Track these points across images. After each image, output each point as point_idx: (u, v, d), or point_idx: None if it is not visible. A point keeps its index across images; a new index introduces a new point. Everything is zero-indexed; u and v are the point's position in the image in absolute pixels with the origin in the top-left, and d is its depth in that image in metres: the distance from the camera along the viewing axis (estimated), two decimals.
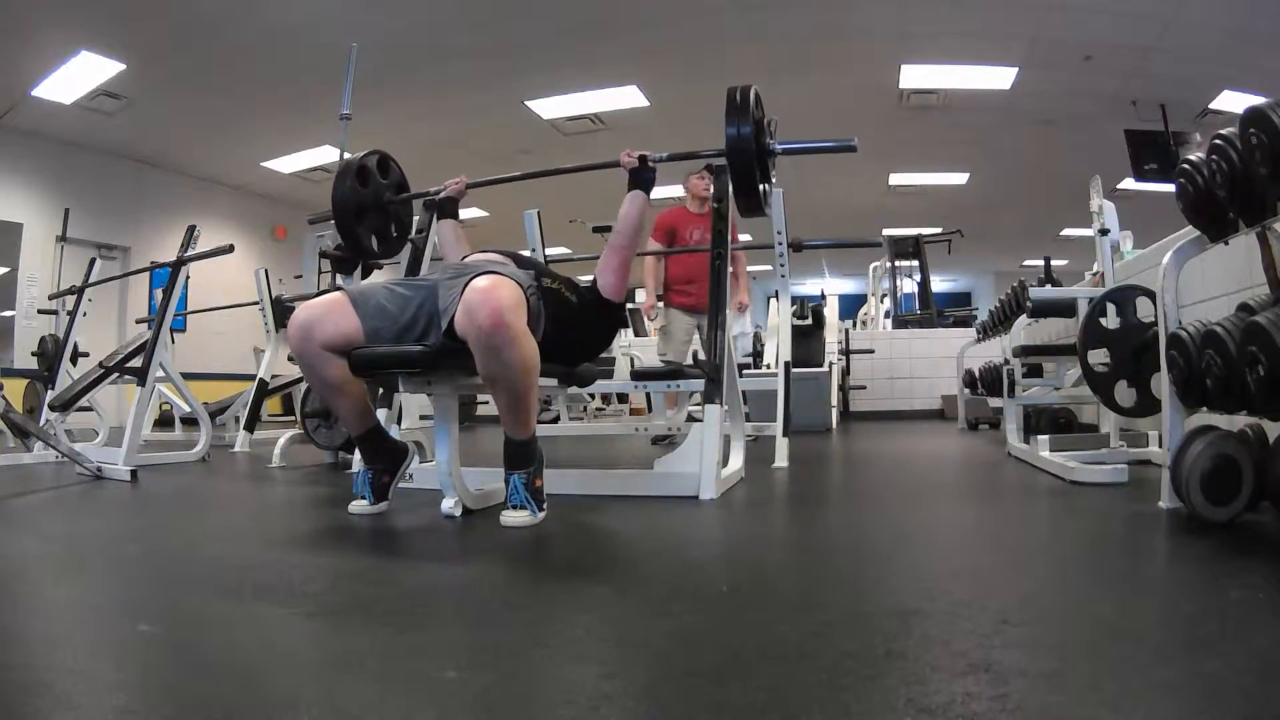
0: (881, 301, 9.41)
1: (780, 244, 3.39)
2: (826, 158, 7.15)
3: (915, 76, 6.48)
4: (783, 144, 2.62)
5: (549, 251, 3.60)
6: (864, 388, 7.29)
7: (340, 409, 2.00)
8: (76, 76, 6.06)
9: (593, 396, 5.88)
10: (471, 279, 1.75)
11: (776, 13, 5.55)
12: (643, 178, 2.19)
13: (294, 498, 2.63)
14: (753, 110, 2.32)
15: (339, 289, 1.94)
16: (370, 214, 2.53)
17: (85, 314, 4.25)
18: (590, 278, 2.13)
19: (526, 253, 3.32)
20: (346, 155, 3.67)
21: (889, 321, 9.00)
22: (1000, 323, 4.55)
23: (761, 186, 2.46)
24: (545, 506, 1.85)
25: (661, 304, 4.52)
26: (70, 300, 4.41)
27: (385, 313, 1.88)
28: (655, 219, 4.32)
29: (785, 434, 3.11)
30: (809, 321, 6.11)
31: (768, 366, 5.76)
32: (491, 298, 1.68)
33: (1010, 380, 3.45)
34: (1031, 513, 2.10)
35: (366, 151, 2.51)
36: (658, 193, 2.28)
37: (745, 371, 4.66)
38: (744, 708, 0.75)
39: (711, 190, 3.94)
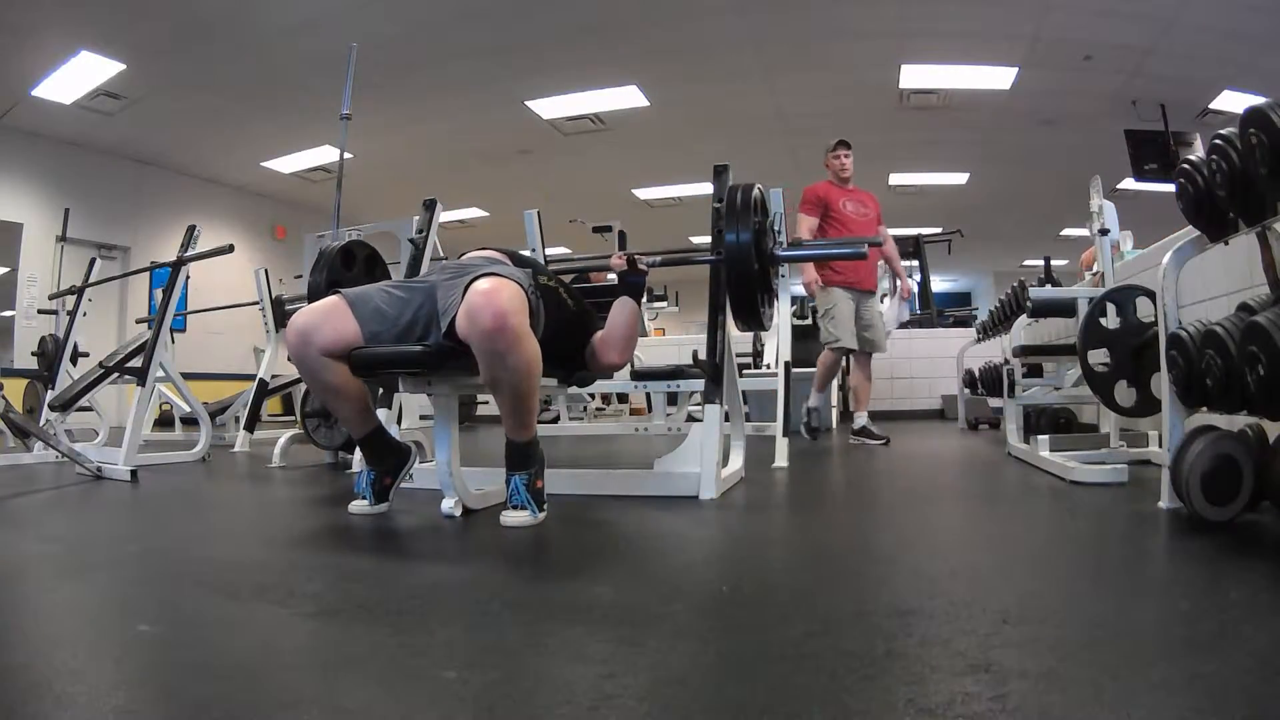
0: (881, 301, 9.40)
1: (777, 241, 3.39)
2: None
3: (915, 76, 6.48)
4: (784, 250, 2.44)
5: (549, 251, 3.60)
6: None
7: (341, 412, 1.99)
8: (76, 76, 6.07)
9: (593, 396, 5.88)
10: (473, 280, 1.75)
11: (776, 13, 5.56)
12: (631, 283, 2.09)
13: (294, 498, 2.63)
14: (754, 214, 2.13)
15: (336, 292, 1.93)
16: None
17: (85, 314, 4.25)
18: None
19: (526, 252, 3.33)
20: (343, 169, 3.68)
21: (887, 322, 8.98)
22: (1000, 323, 4.55)
23: (763, 308, 2.28)
24: (546, 507, 1.85)
25: (819, 284, 4.17)
26: (70, 300, 4.41)
27: (384, 316, 1.87)
28: (804, 192, 4.19)
29: (785, 434, 3.11)
30: (809, 321, 6.11)
31: (768, 366, 5.77)
32: (494, 300, 1.67)
33: (1010, 380, 3.45)
34: (1031, 513, 2.10)
35: (335, 247, 2.49)
36: (658, 193, 2.28)
37: (745, 371, 4.67)
38: (744, 708, 0.75)
39: (849, 168, 4.22)
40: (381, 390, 2.55)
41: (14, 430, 3.32)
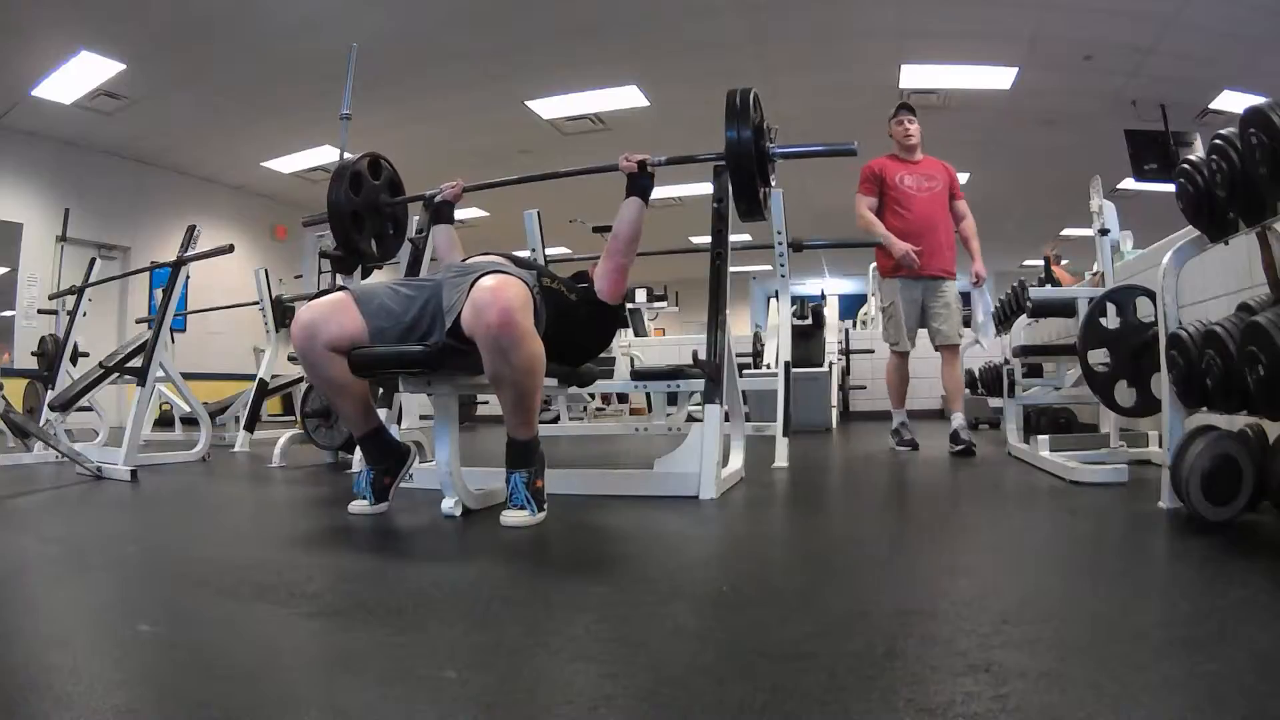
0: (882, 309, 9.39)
1: (780, 244, 3.39)
2: (827, 158, 7.15)
3: (915, 76, 6.48)
4: (781, 148, 2.61)
5: (549, 251, 3.61)
6: (864, 388, 7.28)
7: (343, 409, 2.00)
8: (76, 76, 6.06)
9: (593, 396, 5.88)
10: (478, 278, 1.76)
11: (776, 13, 5.55)
12: (641, 184, 2.17)
13: (294, 498, 2.63)
14: (752, 114, 2.32)
15: (342, 288, 1.94)
16: (366, 218, 2.55)
17: (85, 314, 4.26)
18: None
19: (526, 253, 3.33)
20: (345, 156, 3.68)
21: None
22: (1000, 323, 4.54)
23: (761, 190, 2.46)
24: (545, 507, 1.85)
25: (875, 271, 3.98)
26: (70, 300, 4.41)
27: (389, 312, 1.88)
28: (861, 170, 3.79)
29: (785, 434, 3.11)
30: (809, 321, 6.12)
31: (768, 366, 5.77)
32: (500, 296, 1.69)
33: (1010, 380, 3.45)
34: (1031, 513, 2.10)
35: (358, 156, 2.52)
36: (658, 193, 2.28)
37: (745, 371, 4.66)
38: (744, 708, 0.75)
39: (913, 136, 3.75)
40: (381, 390, 2.55)
41: (14, 430, 3.32)
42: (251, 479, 3.20)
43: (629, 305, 6.42)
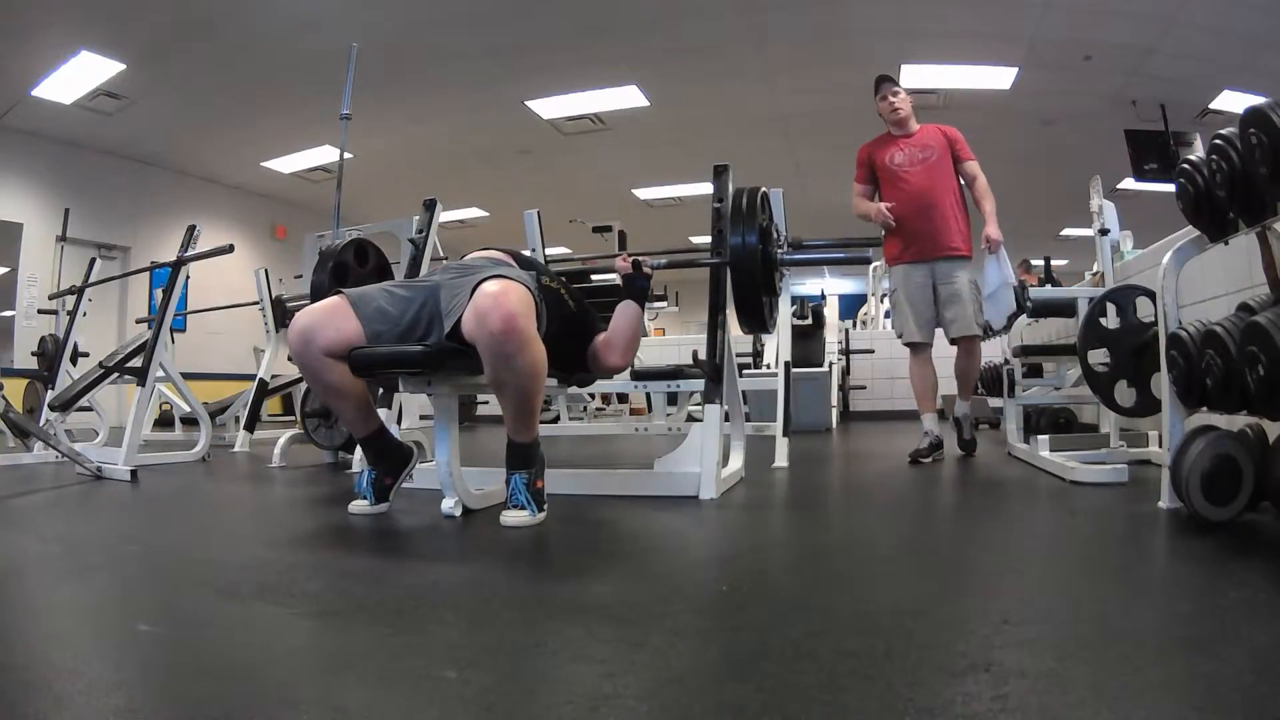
0: (881, 301, 9.40)
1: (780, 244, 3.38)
2: (827, 158, 7.16)
3: (915, 76, 6.47)
4: (790, 254, 2.44)
5: (549, 251, 3.60)
6: (864, 388, 7.29)
7: (343, 412, 1.99)
8: (76, 76, 6.06)
9: (593, 396, 5.89)
10: (480, 282, 1.75)
11: (776, 13, 5.55)
12: (635, 287, 2.11)
13: (294, 498, 2.63)
14: (759, 217, 2.18)
15: (338, 292, 1.93)
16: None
17: (85, 314, 4.26)
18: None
19: (526, 253, 3.32)
20: (343, 169, 3.67)
21: (889, 321, 8.99)
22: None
23: (766, 302, 2.31)
24: (546, 507, 1.85)
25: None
26: (70, 300, 4.41)
27: (386, 315, 1.87)
28: (856, 155, 3.44)
29: (785, 434, 3.11)
30: (809, 321, 6.11)
31: (768, 366, 5.77)
32: (503, 303, 1.68)
33: (1010, 380, 3.45)
34: (1031, 512, 2.10)
35: (343, 244, 2.46)
36: (658, 193, 2.28)
37: (745, 371, 4.65)
38: (744, 708, 0.75)
39: (900, 109, 3.32)
40: (381, 390, 2.55)
41: (14, 430, 3.33)
42: (251, 479, 3.20)
43: None
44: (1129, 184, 7.25)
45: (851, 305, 10.71)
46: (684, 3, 5.48)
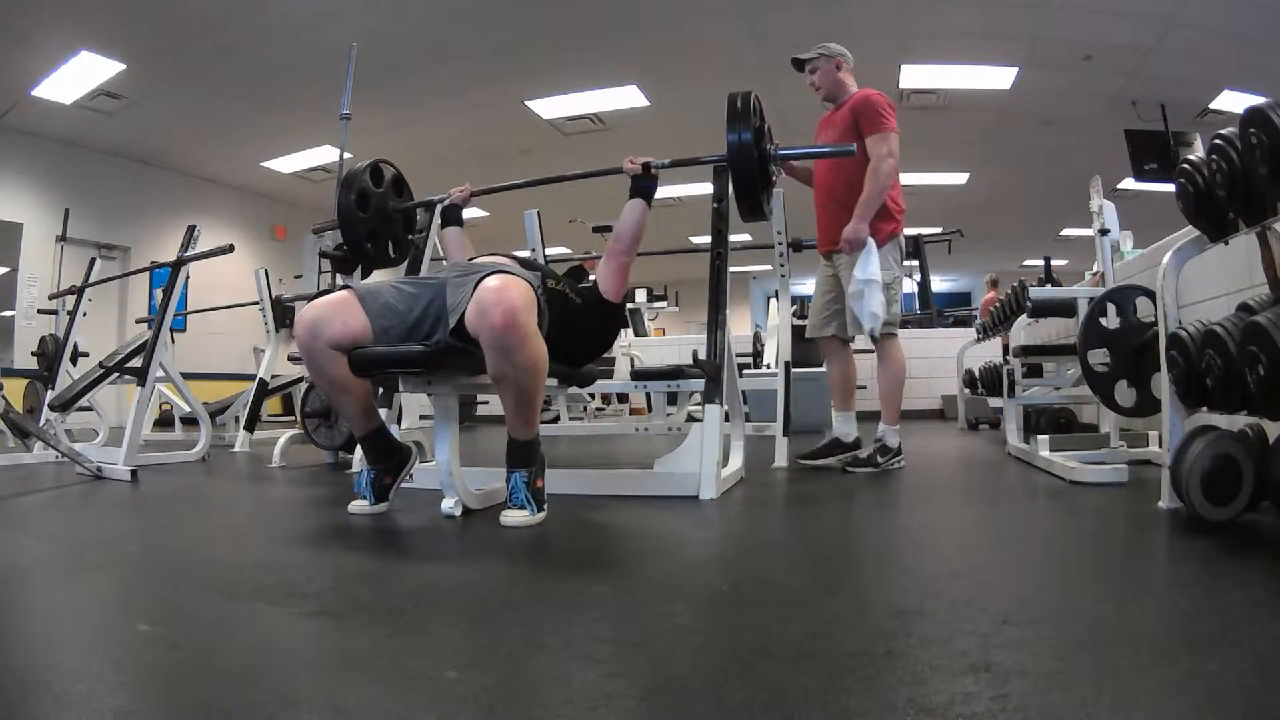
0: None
1: (780, 244, 3.39)
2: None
3: (915, 76, 6.48)
4: (782, 149, 2.60)
5: (549, 251, 3.61)
6: (864, 388, 7.27)
7: (345, 408, 2.00)
8: (76, 76, 6.07)
9: (593, 396, 5.88)
10: (483, 278, 1.76)
11: (776, 13, 5.55)
12: (644, 185, 2.22)
13: (294, 498, 2.63)
14: (753, 116, 2.33)
15: (345, 287, 1.94)
16: (379, 227, 2.55)
17: (85, 314, 4.26)
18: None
19: (526, 253, 3.33)
20: (345, 165, 3.66)
21: None
22: (1000, 323, 4.55)
23: (763, 191, 2.48)
24: (546, 507, 1.86)
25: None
26: (70, 300, 4.41)
27: (394, 311, 1.89)
28: None
29: (785, 434, 3.11)
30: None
31: (768, 366, 5.77)
32: (505, 297, 1.69)
33: (1010, 380, 3.45)
34: (1031, 513, 2.10)
35: (362, 166, 2.50)
36: (658, 193, 2.28)
37: (745, 371, 4.65)
38: (744, 708, 0.75)
39: (816, 86, 3.04)
40: (381, 390, 2.55)
41: (14, 430, 3.32)
42: (251, 479, 3.20)
43: (629, 305, 6.42)
44: (1129, 184, 7.26)
45: None
46: (684, 3, 5.48)
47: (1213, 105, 6.42)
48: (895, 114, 2.87)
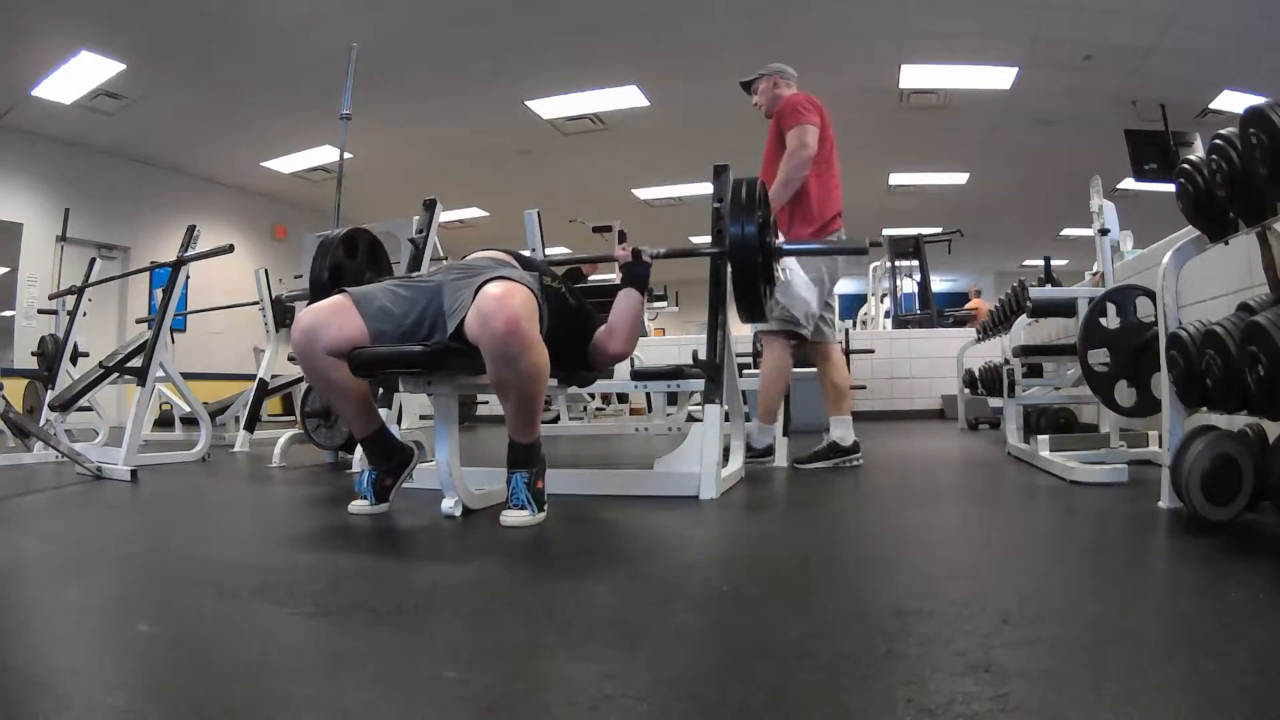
0: (881, 301, 9.41)
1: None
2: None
3: (915, 76, 6.48)
4: (788, 244, 2.47)
5: (549, 251, 3.61)
6: (864, 388, 7.28)
7: (345, 411, 2.00)
8: (76, 76, 6.07)
9: (593, 396, 5.87)
10: (484, 284, 1.75)
11: (776, 13, 5.56)
12: (635, 273, 2.12)
13: (294, 498, 2.63)
14: (759, 208, 2.21)
15: (341, 291, 1.93)
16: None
17: (85, 314, 4.26)
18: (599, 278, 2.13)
19: (526, 253, 3.33)
20: (343, 165, 3.65)
21: (889, 321, 8.99)
22: (1000, 323, 4.55)
23: (764, 289, 2.33)
24: (546, 507, 1.85)
25: None
26: (70, 300, 4.41)
27: (389, 314, 1.88)
28: None
29: (785, 434, 3.11)
30: None
31: None
32: (506, 305, 1.68)
33: (1010, 380, 3.45)
34: (1031, 513, 2.10)
35: (337, 235, 2.34)
36: (658, 193, 2.28)
37: (745, 371, 4.64)
38: (744, 708, 0.75)
39: (758, 103, 3.17)
40: (381, 390, 2.55)
41: (14, 430, 3.32)
42: (251, 479, 3.20)
43: None
44: (1129, 184, 7.26)
45: (851, 305, 10.71)
46: (684, 3, 5.48)
47: (1213, 105, 6.42)
48: (818, 111, 2.95)
